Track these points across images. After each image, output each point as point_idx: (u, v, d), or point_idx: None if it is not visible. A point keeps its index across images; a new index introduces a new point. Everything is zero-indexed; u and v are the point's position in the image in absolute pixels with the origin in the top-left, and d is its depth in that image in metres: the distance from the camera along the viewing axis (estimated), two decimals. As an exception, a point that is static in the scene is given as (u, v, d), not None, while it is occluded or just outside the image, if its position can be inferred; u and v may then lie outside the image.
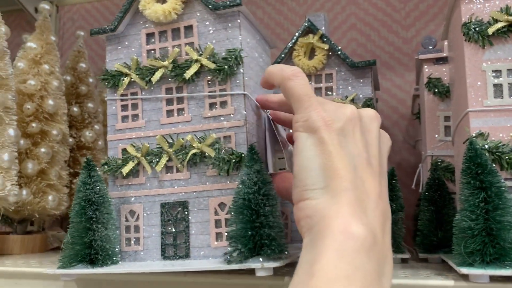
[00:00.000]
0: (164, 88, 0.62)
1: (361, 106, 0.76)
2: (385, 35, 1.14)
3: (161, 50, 0.63)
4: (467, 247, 0.46)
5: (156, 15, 0.61)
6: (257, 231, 0.50)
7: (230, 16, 0.60)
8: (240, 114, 0.58)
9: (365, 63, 0.76)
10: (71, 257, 0.56)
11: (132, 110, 0.64)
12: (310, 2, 1.20)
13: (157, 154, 0.61)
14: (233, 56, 0.58)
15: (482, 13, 0.54)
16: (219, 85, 0.60)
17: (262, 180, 0.53)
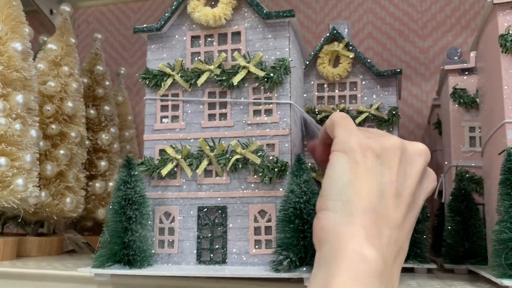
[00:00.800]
0: (207, 91, 0.62)
1: (386, 114, 0.76)
2: (402, 44, 1.14)
3: (206, 54, 0.63)
4: (508, 259, 0.46)
5: (206, 18, 0.61)
6: (308, 241, 0.50)
7: (280, 26, 0.61)
8: (285, 123, 0.59)
9: (391, 72, 0.76)
10: (108, 256, 0.55)
11: (173, 111, 0.63)
12: (327, 10, 1.21)
13: (197, 157, 0.60)
14: (282, 65, 0.59)
15: (520, 25, 0.54)
16: (265, 93, 0.60)
17: (311, 190, 0.53)
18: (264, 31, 0.61)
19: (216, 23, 0.61)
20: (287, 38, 0.60)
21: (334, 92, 0.80)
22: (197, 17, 0.62)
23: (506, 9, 0.55)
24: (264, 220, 0.58)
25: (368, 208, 0.38)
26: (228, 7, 0.61)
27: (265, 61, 0.60)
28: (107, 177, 1.02)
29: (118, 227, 0.56)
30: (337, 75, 0.79)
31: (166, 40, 0.65)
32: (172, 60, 0.64)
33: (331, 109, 0.78)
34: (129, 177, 0.57)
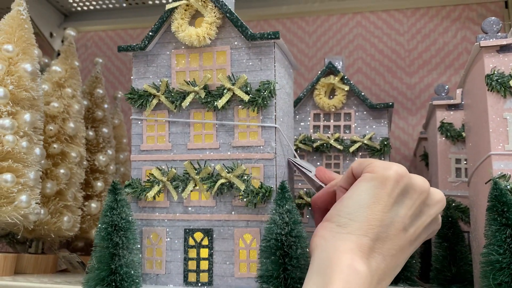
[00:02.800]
0: (193, 112, 0.63)
1: (378, 145, 0.80)
2: (390, 80, 1.20)
3: (191, 74, 0.63)
4: (496, 279, 0.50)
5: (190, 39, 0.62)
6: (289, 274, 0.52)
7: (265, 47, 0.61)
8: (270, 146, 0.60)
9: (384, 105, 0.82)
10: (96, 282, 0.56)
11: (159, 132, 0.64)
12: (320, 45, 1.27)
13: (183, 180, 0.61)
14: (268, 88, 0.60)
15: (503, 66, 0.60)
16: (249, 115, 0.61)
17: (293, 220, 0.54)
18: (250, 52, 0.61)
19: (200, 43, 0.62)
20: (272, 60, 0.61)
21: (329, 122, 0.85)
22: (181, 37, 0.62)
23: (492, 52, 0.61)
24: (249, 244, 0.59)
25: (370, 234, 0.43)
26: (213, 26, 0.62)
27: (250, 83, 0.60)
28: (102, 197, 1.03)
29: (105, 253, 0.56)
30: (332, 106, 0.83)
31: (151, 58, 0.65)
32: (157, 79, 0.64)
33: (326, 138, 0.82)
34: (115, 203, 0.57)
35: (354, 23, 1.26)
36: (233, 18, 0.62)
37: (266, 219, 0.58)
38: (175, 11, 0.64)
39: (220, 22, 0.63)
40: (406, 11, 1.23)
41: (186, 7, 0.64)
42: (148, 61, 0.66)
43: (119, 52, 0.68)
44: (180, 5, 0.64)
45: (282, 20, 1.31)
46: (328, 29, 1.28)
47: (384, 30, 1.24)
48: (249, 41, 0.62)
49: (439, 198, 0.47)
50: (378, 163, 0.46)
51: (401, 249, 0.44)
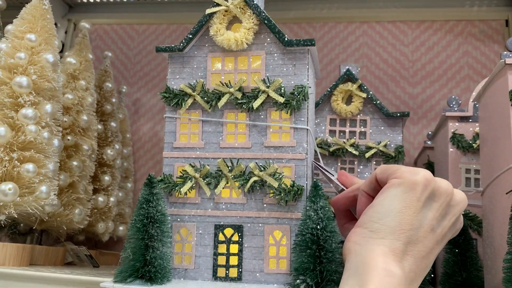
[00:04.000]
0: (227, 112, 0.65)
1: (393, 152, 0.83)
2: (393, 89, 1.24)
3: (226, 76, 0.66)
4: None
5: (229, 43, 0.64)
6: (324, 267, 0.54)
7: (299, 53, 0.64)
8: (302, 147, 0.63)
9: (400, 114, 0.85)
10: (130, 272, 0.57)
11: (192, 130, 0.66)
12: (326, 51, 1.30)
13: (215, 177, 0.63)
14: (301, 92, 0.62)
15: (526, 84, 0.63)
16: (282, 117, 0.63)
17: (327, 216, 0.56)
18: (284, 57, 0.65)
19: (238, 47, 0.64)
20: (306, 65, 0.64)
21: (345, 128, 0.87)
22: (219, 40, 0.64)
23: (515, 69, 0.64)
24: (278, 241, 0.61)
25: (402, 238, 0.45)
26: (250, 32, 0.64)
27: (284, 86, 0.63)
28: (109, 191, 1.03)
29: (140, 244, 0.57)
30: (349, 112, 0.86)
31: (187, 60, 0.67)
32: (192, 80, 0.66)
33: (342, 143, 0.84)
34: (151, 196, 0.59)
35: (361, 32, 1.29)
36: (271, 25, 0.65)
37: (296, 217, 0.61)
38: (213, 16, 0.66)
39: (257, 28, 0.65)
40: (411, 23, 1.27)
41: (225, 13, 0.66)
42: (184, 62, 0.68)
43: (157, 52, 0.68)
44: (219, 11, 0.66)
45: (290, 24, 1.33)
46: (335, 36, 1.30)
47: (389, 40, 1.27)
48: (284, 47, 0.64)
49: (461, 198, 0.50)
50: (405, 168, 0.48)
51: (430, 250, 0.47)
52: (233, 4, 0.66)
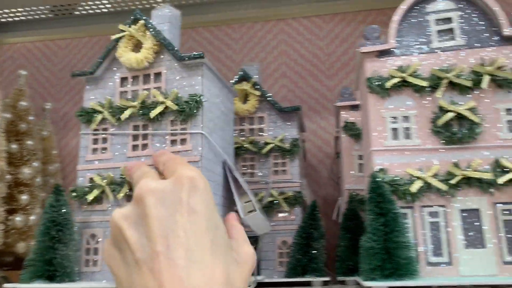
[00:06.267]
0: (132, 125, 0.70)
1: (288, 146, 0.85)
2: (312, 83, 1.26)
3: (133, 93, 0.71)
4: (370, 264, 0.55)
5: (130, 62, 0.70)
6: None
7: (194, 66, 0.69)
8: (196, 150, 0.66)
9: (291, 108, 0.87)
10: (32, 272, 0.61)
11: (102, 144, 0.71)
12: (246, 51, 1.32)
13: (119, 184, 0.67)
14: (194, 100, 0.67)
15: (382, 70, 0.65)
16: (181, 124, 0.67)
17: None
18: (181, 71, 0.70)
19: (139, 65, 0.70)
20: (200, 76, 0.69)
21: (244, 126, 0.89)
22: (122, 61, 0.71)
23: (372, 57, 0.66)
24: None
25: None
26: (150, 51, 0.70)
27: (181, 97, 0.68)
28: (28, 211, 1.02)
29: (42, 246, 0.61)
30: (246, 110, 0.87)
31: (100, 82, 0.74)
32: (103, 99, 0.72)
33: (241, 141, 0.86)
34: (55, 202, 0.64)
35: (278, 30, 1.32)
36: (166, 43, 0.70)
37: None
38: (120, 41, 0.73)
39: (157, 48, 0.71)
40: (325, 16, 1.30)
41: (130, 37, 0.73)
42: (97, 83, 0.74)
43: (73, 77, 0.75)
44: (124, 36, 0.72)
45: (210, 28, 1.35)
46: (253, 36, 1.32)
47: (305, 36, 1.30)
48: (180, 61, 0.69)
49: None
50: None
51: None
52: (134, 29, 0.72)
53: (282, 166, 0.87)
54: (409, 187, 0.60)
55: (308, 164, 1.24)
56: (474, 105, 0.61)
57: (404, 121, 0.63)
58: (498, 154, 0.60)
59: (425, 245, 0.59)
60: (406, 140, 0.63)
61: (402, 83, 0.64)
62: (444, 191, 0.59)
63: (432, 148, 0.62)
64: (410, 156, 0.62)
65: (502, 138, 0.60)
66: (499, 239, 0.57)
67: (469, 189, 0.59)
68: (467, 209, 0.59)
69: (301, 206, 0.84)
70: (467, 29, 0.65)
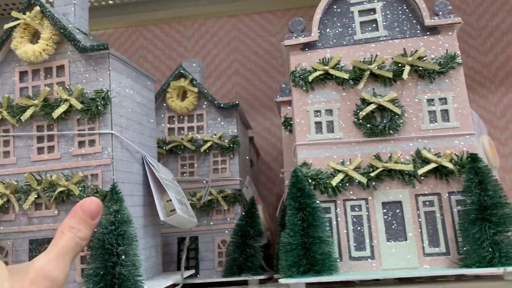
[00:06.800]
0: (35, 125, 0.64)
1: (227, 143, 0.84)
2: (265, 79, 1.25)
3: (33, 88, 0.64)
4: (287, 260, 0.54)
5: (27, 55, 0.63)
6: (108, 271, 0.52)
7: (100, 58, 0.63)
8: (107, 152, 0.61)
9: (230, 105, 0.85)
10: None
11: (4, 147, 0.64)
12: (198, 48, 1.30)
13: (25, 192, 0.62)
14: (100, 96, 0.61)
15: (306, 63, 0.64)
16: (88, 123, 0.62)
17: (118, 219, 0.54)
18: (86, 64, 0.63)
19: (37, 59, 0.63)
20: (106, 70, 0.63)
21: (184, 124, 0.87)
22: (18, 54, 0.64)
23: (297, 50, 0.65)
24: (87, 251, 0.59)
25: None
26: (49, 42, 0.63)
27: (87, 93, 0.62)
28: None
29: None
30: (184, 108, 0.86)
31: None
32: (1, 97, 0.65)
33: (180, 139, 0.84)
34: None
35: (230, 26, 1.30)
36: (66, 33, 0.64)
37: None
38: (14, 30, 0.65)
39: (58, 38, 0.64)
40: (277, 12, 1.29)
41: (26, 26, 0.65)
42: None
43: None
44: (19, 24, 0.65)
45: (161, 25, 1.33)
46: (205, 33, 1.31)
47: (257, 32, 1.28)
48: (82, 54, 0.63)
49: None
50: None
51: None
52: (29, 17, 0.65)
53: (222, 164, 0.85)
54: (331, 181, 0.59)
55: (262, 162, 1.23)
56: (395, 97, 0.60)
57: (328, 115, 0.62)
58: (419, 145, 0.59)
59: (348, 239, 0.58)
60: (329, 134, 0.62)
61: (325, 76, 0.63)
62: (365, 184, 0.58)
63: (354, 141, 0.61)
64: (333, 149, 0.61)
65: (424, 129, 0.60)
66: (421, 231, 0.57)
67: (391, 182, 0.59)
68: (389, 202, 0.58)
69: (240, 204, 0.82)
70: (390, 20, 0.64)
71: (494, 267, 0.50)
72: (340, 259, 0.57)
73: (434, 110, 0.60)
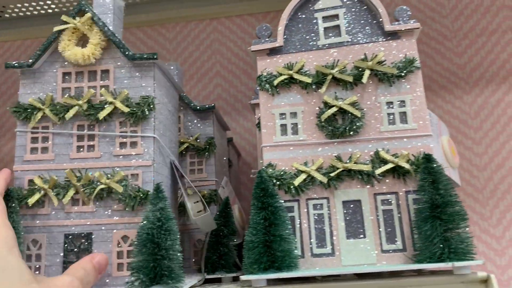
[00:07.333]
0: (76, 125, 0.67)
1: (203, 145, 0.86)
2: (246, 81, 1.27)
3: (76, 89, 0.68)
4: (250, 258, 0.56)
5: (75, 57, 0.67)
6: (158, 263, 0.56)
7: (145, 66, 0.68)
8: (148, 154, 0.65)
9: (206, 108, 0.88)
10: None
11: (42, 143, 0.67)
12: (180, 50, 1.32)
13: (64, 187, 0.65)
14: (146, 102, 0.66)
15: (272, 68, 0.67)
16: (131, 126, 0.66)
17: (165, 216, 0.58)
18: (131, 70, 0.68)
19: (85, 62, 0.67)
20: (152, 78, 0.67)
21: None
22: (67, 56, 0.67)
23: (263, 55, 0.68)
24: (126, 245, 0.63)
25: None
26: (97, 47, 0.68)
27: (131, 98, 0.66)
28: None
29: None
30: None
31: (39, 76, 0.69)
32: (43, 94, 0.68)
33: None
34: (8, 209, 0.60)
35: (211, 29, 1.32)
36: (116, 41, 0.68)
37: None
38: (62, 33, 0.69)
39: (105, 44, 0.69)
40: (257, 15, 1.31)
41: (74, 30, 0.69)
42: (36, 77, 0.70)
43: (6, 68, 0.70)
44: (67, 28, 0.69)
45: (143, 28, 1.35)
46: (187, 35, 1.33)
47: (238, 34, 1.31)
48: (130, 61, 0.68)
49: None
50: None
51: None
52: (80, 22, 0.69)
53: (199, 165, 0.87)
54: (293, 181, 0.61)
55: (243, 162, 1.25)
56: (355, 100, 0.63)
57: (292, 117, 0.65)
58: (378, 146, 0.62)
59: (310, 237, 0.60)
60: (293, 136, 0.64)
61: (290, 80, 0.65)
62: (326, 183, 0.61)
63: (317, 142, 0.63)
64: (298, 151, 0.63)
65: (383, 131, 0.62)
66: (379, 229, 0.59)
67: (351, 181, 0.61)
68: (349, 201, 0.61)
69: (216, 204, 0.85)
70: (352, 26, 0.66)
71: (443, 262, 0.52)
72: (302, 256, 0.60)
73: (393, 113, 0.63)
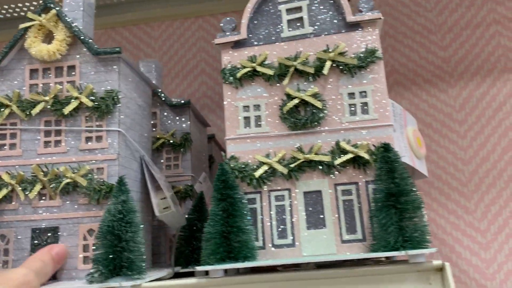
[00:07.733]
0: (44, 120, 0.68)
1: (179, 140, 0.87)
2: (231, 78, 1.28)
3: (43, 86, 0.70)
4: (207, 249, 0.56)
5: (41, 54, 0.68)
6: (117, 255, 0.57)
7: (110, 61, 0.69)
8: (113, 148, 0.66)
9: (182, 103, 0.88)
10: None
11: (11, 139, 0.69)
12: (165, 49, 1.33)
13: (31, 182, 0.66)
14: (111, 96, 0.67)
15: (236, 61, 0.67)
16: (96, 121, 0.67)
17: (126, 209, 0.59)
18: (97, 65, 0.69)
19: (50, 58, 0.69)
20: (117, 72, 0.68)
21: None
22: (33, 52, 0.69)
23: (228, 48, 0.68)
24: (92, 238, 0.63)
25: None
26: (63, 43, 0.69)
27: (96, 92, 0.67)
28: None
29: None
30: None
31: (6, 73, 0.71)
32: (11, 91, 0.70)
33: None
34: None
35: (196, 27, 1.33)
36: (82, 38, 0.70)
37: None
38: (29, 30, 0.70)
39: (71, 40, 0.70)
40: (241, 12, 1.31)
41: (40, 27, 0.71)
42: (3, 75, 0.71)
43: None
44: (33, 25, 0.70)
45: (129, 27, 1.35)
46: (172, 33, 1.33)
47: (223, 32, 1.31)
48: (95, 56, 0.69)
49: None
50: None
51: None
52: (45, 19, 0.70)
53: (175, 160, 0.88)
54: (255, 173, 0.61)
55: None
56: (317, 91, 0.63)
57: (256, 110, 0.65)
58: (340, 137, 0.62)
59: (271, 228, 0.61)
60: (257, 128, 0.64)
61: (253, 73, 0.65)
62: (287, 175, 0.61)
63: (279, 134, 0.63)
64: (260, 143, 0.64)
65: (344, 122, 0.62)
66: (339, 219, 0.59)
67: (312, 172, 0.61)
68: (310, 191, 0.61)
69: (192, 199, 0.85)
70: (315, 18, 0.66)
71: (397, 251, 0.52)
72: (264, 247, 0.60)
73: (355, 104, 0.62)
